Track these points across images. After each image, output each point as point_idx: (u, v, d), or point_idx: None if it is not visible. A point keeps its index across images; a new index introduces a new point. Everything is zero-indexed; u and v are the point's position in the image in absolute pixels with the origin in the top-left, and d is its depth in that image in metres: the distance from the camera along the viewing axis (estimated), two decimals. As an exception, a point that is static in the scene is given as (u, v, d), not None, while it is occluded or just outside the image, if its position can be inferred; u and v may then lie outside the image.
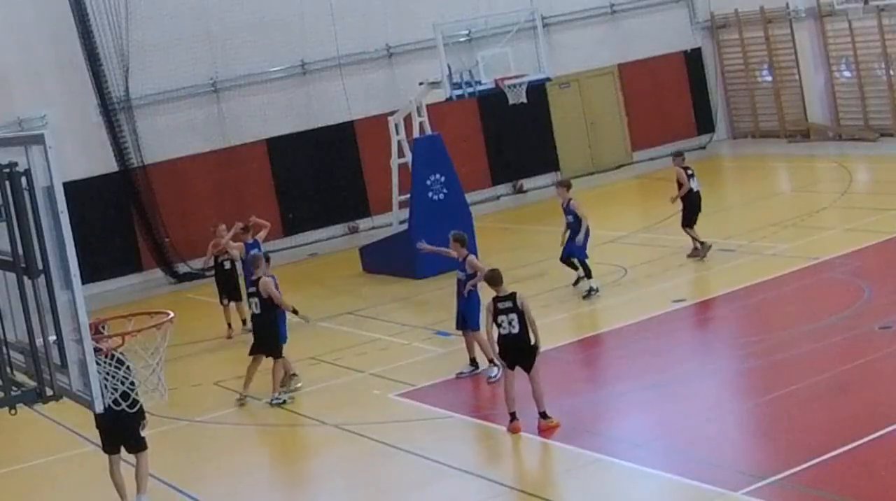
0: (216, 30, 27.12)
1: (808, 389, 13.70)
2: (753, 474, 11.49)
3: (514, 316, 13.57)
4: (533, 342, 13.64)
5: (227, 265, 20.25)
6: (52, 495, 14.53)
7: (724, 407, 13.99)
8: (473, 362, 16.19)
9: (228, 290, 20.22)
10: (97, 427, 12.61)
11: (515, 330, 13.57)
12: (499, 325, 13.66)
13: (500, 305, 13.66)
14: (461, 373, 16.12)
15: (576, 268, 19.82)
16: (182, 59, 26.56)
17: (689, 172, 20.94)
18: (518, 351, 13.64)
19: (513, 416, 13.67)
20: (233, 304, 20.24)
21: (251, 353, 16.48)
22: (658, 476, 12.08)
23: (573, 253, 19.60)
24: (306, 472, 14.06)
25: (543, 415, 13.61)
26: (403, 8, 28.77)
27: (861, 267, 18.50)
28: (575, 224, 19.54)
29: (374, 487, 13.34)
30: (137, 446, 12.64)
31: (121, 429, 12.40)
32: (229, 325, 20.27)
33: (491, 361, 15.65)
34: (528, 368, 13.62)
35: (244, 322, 20.00)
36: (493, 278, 13.98)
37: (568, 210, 19.73)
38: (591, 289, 19.37)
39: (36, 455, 15.55)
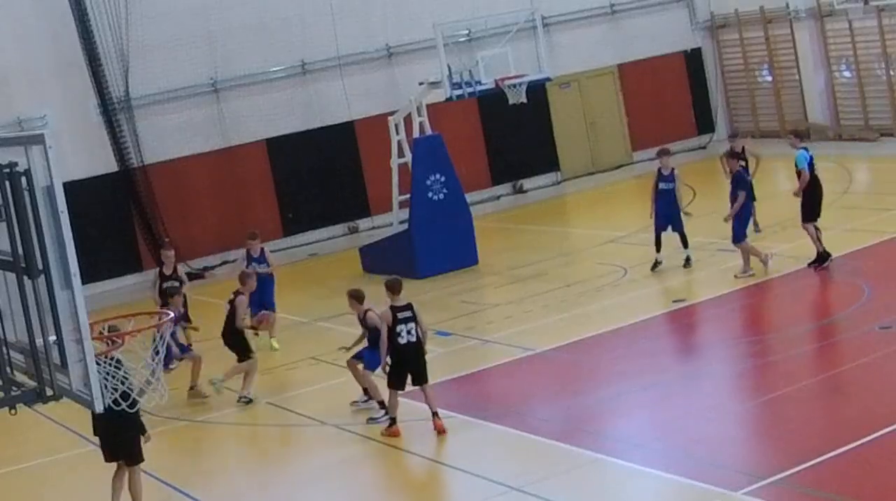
0: (216, 30, 27.11)
1: (808, 389, 13.71)
2: (753, 474, 11.49)
3: (412, 324, 13.89)
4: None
5: (172, 292, 18.35)
6: (52, 495, 14.52)
7: (724, 407, 13.99)
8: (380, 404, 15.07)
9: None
10: (95, 434, 12.52)
11: (414, 339, 13.90)
12: (398, 334, 13.84)
13: (400, 315, 13.91)
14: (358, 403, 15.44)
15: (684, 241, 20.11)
16: (182, 59, 26.55)
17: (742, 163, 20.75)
18: (418, 358, 13.97)
19: (393, 421, 14.14)
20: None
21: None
22: (658, 476, 12.08)
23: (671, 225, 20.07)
24: (306, 472, 14.06)
25: (436, 415, 14.03)
26: (403, 8, 28.75)
27: (861, 267, 18.50)
28: (669, 191, 19.95)
29: (373, 487, 13.35)
30: (133, 458, 12.45)
31: (118, 439, 12.28)
32: None
33: (381, 403, 14.97)
34: (423, 380, 14.02)
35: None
36: (394, 286, 14.10)
37: (671, 177, 20.09)
38: (688, 259, 19.90)
39: (36, 455, 15.54)
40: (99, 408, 6.19)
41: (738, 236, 19.10)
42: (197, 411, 16.49)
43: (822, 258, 18.76)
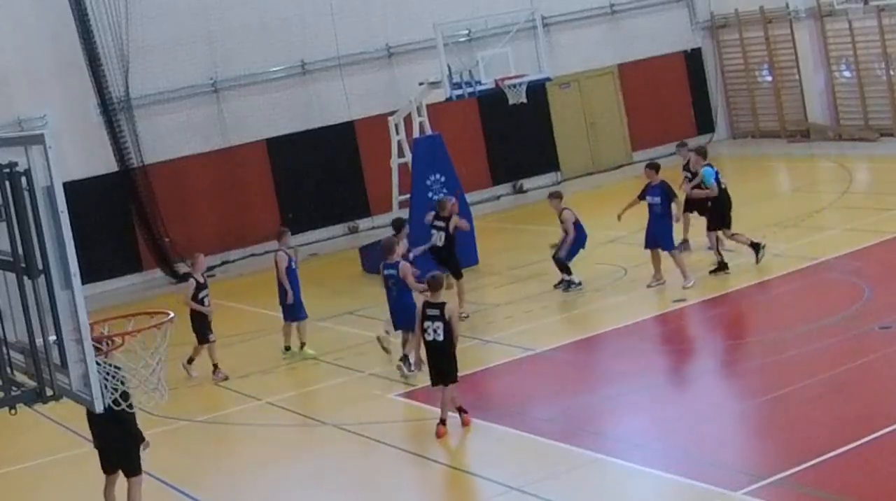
0: (216, 30, 27.11)
1: (808, 389, 13.70)
2: (753, 474, 11.50)
3: (439, 324, 13.92)
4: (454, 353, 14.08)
5: (207, 302, 17.79)
6: (52, 495, 14.53)
7: (724, 407, 14.00)
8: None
9: (208, 326, 17.71)
10: (95, 445, 12.36)
11: (440, 338, 13.93)
12: (425, 331, 14.00)
13: (429, 311, 14.01)
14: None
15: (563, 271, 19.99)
16: (182, 59, 26.55)
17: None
18: (436, 359, 14.02)
19: (443, 422, 14.10)
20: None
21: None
22: (658, 476, 12.09)
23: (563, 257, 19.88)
24: (306, 472, 14.06)
25: (443, 422, 14.06)
26: (403, 8, 28.75)
27: (861, 267, 18.50)
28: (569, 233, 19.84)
29: (373, 487, 13.35)
30: (131, 469, 12.25)
31: (117, 449, 12.13)
32: (216, 366, 17.86)
33: (405, 360, 16.22)
34: (447, 381, 14.03)
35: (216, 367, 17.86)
36: (432, 283, 14.21)
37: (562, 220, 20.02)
38: (570, 283, 19.75)
39: (36, 455, 15.54)
40: (99, 408, 6.19)
41: (670, 244, 19.16)
42: (197, 411, 16.50)
43: (723, 266, 19.22)
